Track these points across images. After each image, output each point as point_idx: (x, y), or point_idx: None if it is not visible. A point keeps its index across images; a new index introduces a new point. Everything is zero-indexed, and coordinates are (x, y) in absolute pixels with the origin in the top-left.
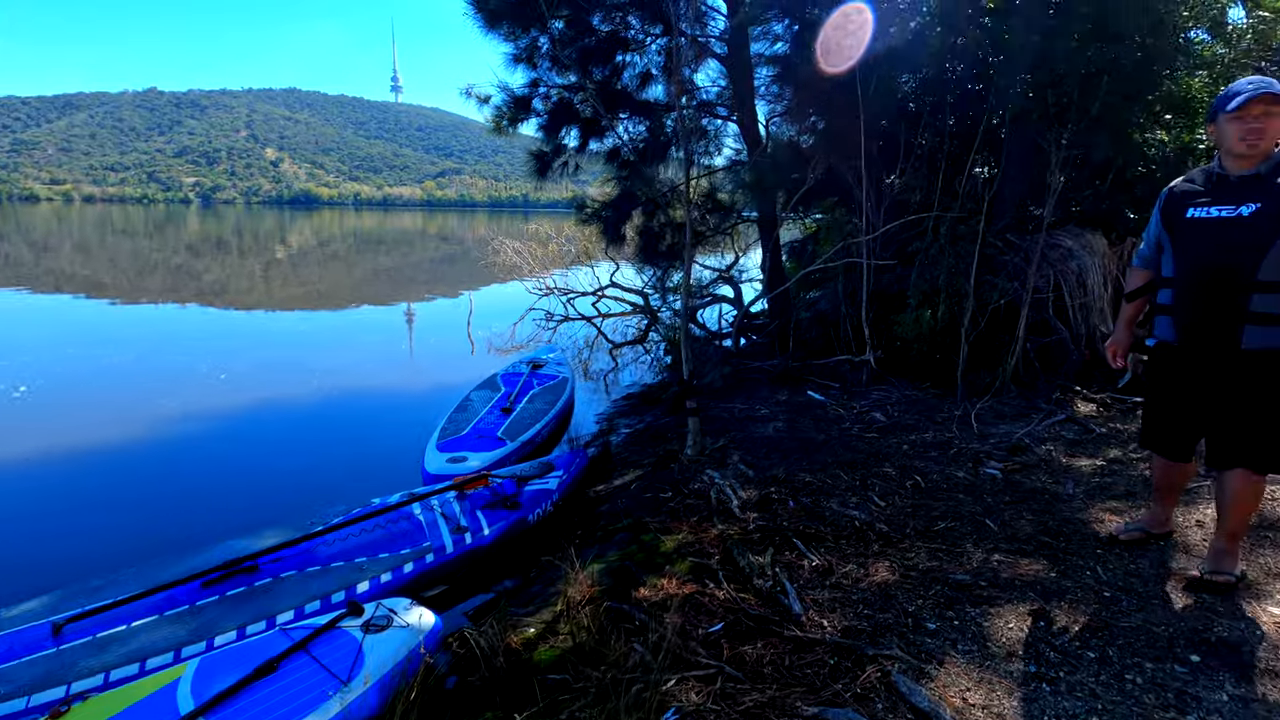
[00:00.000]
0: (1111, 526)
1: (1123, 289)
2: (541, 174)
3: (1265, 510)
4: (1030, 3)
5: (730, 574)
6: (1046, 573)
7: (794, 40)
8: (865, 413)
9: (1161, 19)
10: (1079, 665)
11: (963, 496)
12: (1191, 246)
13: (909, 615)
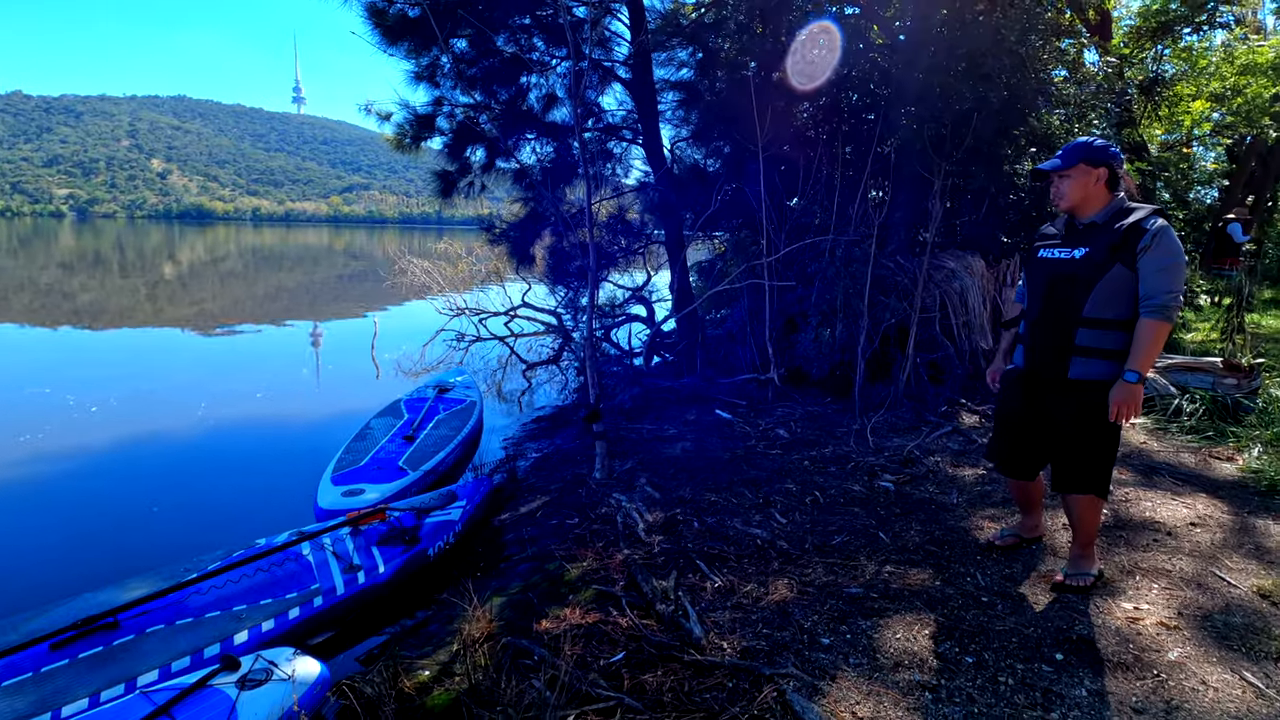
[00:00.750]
0: (989, 534)
1: (1000, 307)
2: (446, 194)
3: (1121, 511)
4: (912, 42)
5: (634, 600)
6: (932, 581)
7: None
8: (770, 429)
9: (1024, 61)
10: (958, 671)
11: (858, 510)
12: (1037, 284)
13: (805, 632)
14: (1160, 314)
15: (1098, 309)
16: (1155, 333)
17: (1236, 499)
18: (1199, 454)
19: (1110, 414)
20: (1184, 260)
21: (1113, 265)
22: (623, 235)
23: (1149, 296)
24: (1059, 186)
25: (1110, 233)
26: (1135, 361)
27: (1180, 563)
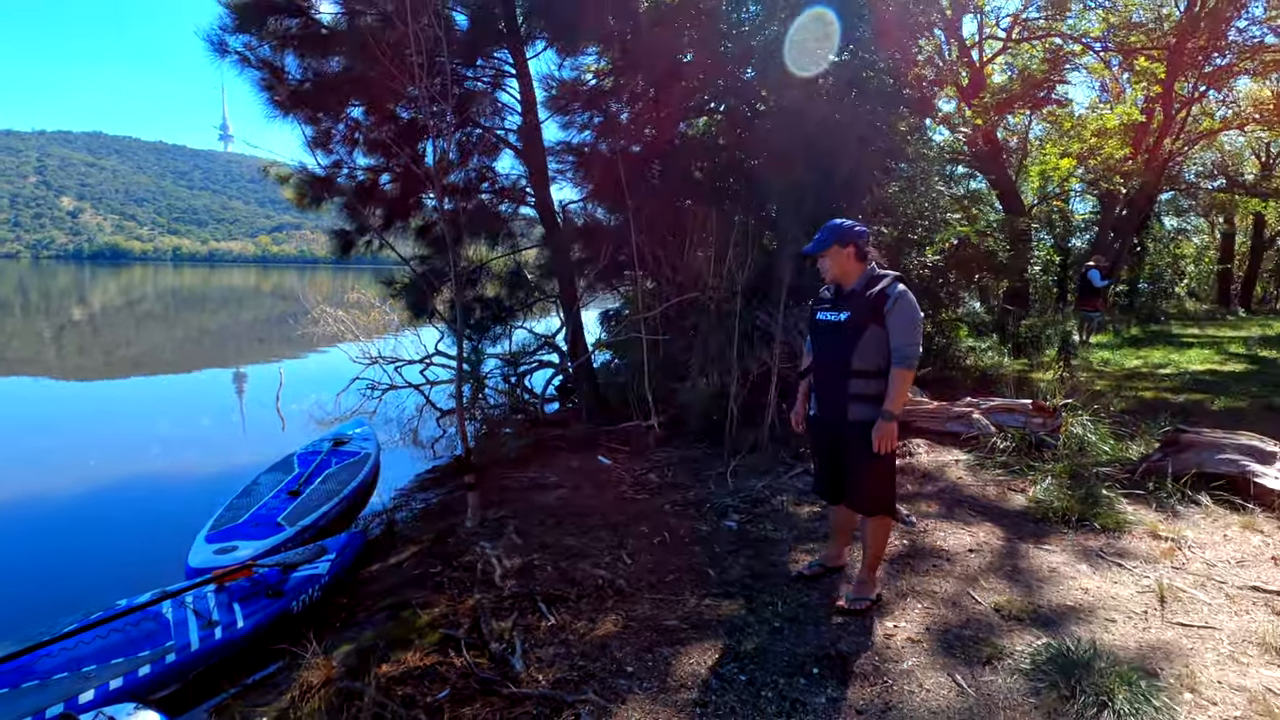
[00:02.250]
0: (801, 565)
1: None
2: (344, 252)
3: (918, 540)
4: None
5: (472, 642)
6: (739, 611)
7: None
8: (643, 474)
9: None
10: (730, 688)
11: (698, 549)
12: (816, 341)
13: (615, 661)
14: (905, 363)
15: (862, 361)
16: (902, 379)
17: (1015, 527)
18: (1001, 487)
19: (874, 447)
20: (920, 317)
21: (869, 326)
22: (518, 290)
23: (895, 350)
24: (822, 263)
25: (865, 298)
26: (889, 404)
27: (947, 585)
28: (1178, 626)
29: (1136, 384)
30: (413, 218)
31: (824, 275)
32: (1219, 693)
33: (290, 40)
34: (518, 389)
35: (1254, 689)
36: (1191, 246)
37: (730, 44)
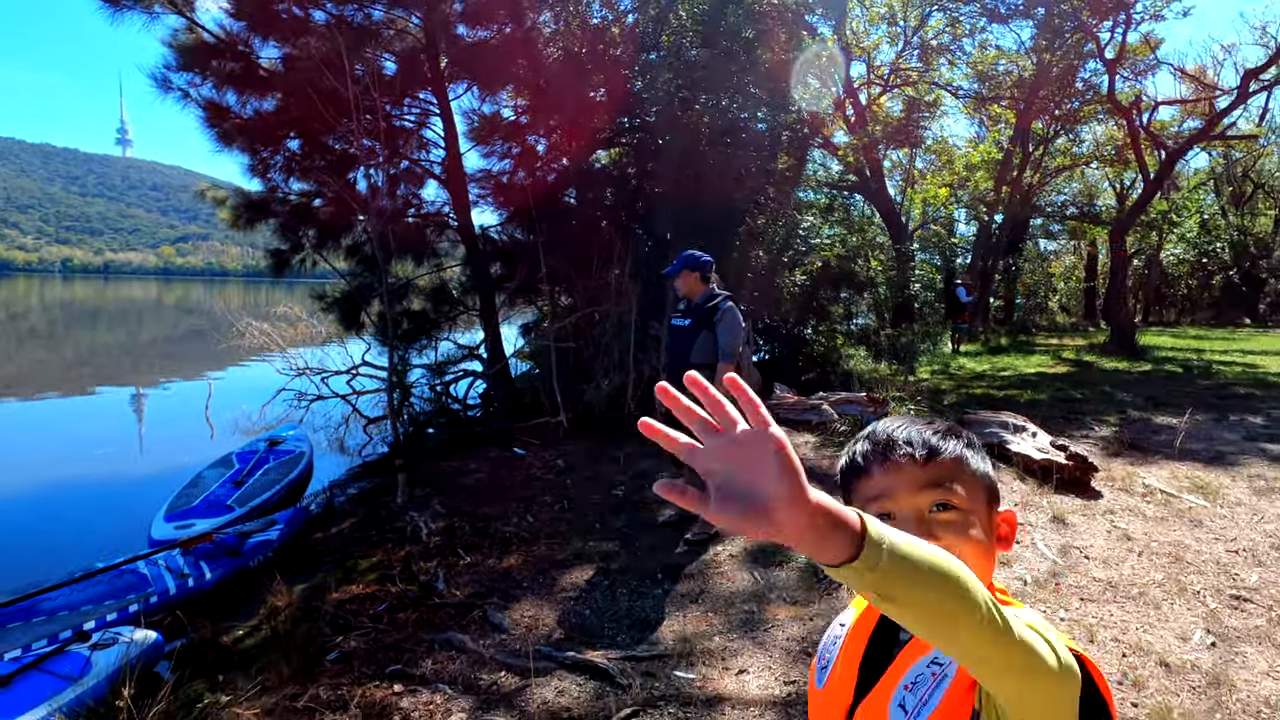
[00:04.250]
0: (666, 515)
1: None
2: (279, 271)
3: None
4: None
5: (405, 577)
6: (614, 548)
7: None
8: (552, 460)
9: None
10: (597, 589)
11: (590, 511)
12: (671, 342)
13: (515, 581)
14: (727, 358)
15: (699, 356)
16: (723, 370)
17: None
18: (833, 459)
19: None
20: (741, 326)
21: (704, 330)
22: (443, 305)
23: (721, 348)
24: (676, 283)
25: (704, 310)
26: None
27: None
28: None
29: (975, 383)
30: (344, 238)
31: (678, 292)
32: None
33: (232, 79)
34: (444, 396)
35: None
36: (1061, 266)
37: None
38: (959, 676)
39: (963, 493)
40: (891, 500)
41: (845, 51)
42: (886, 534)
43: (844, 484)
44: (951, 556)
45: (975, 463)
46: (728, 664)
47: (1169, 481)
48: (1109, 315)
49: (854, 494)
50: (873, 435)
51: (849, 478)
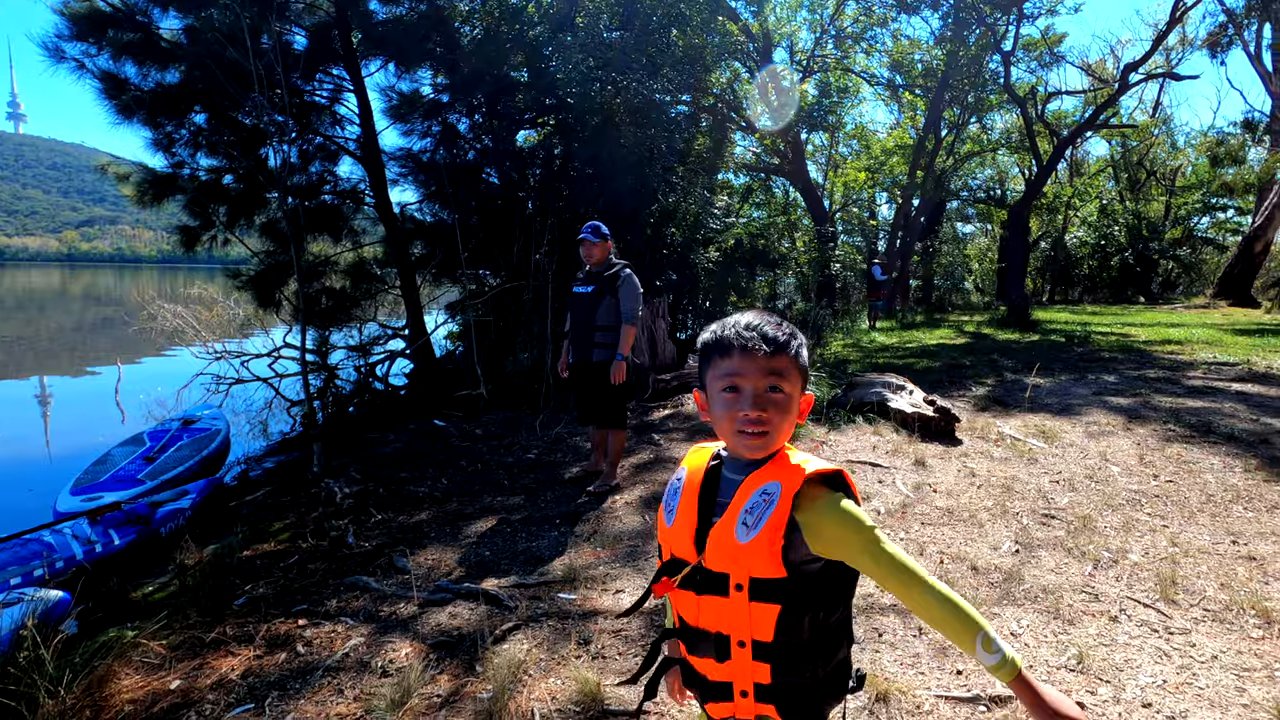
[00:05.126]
0: (572, 473)
1: (655, 335)
2: (189, 247)
3: (660, 454)
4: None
5: (316, 534)
6: (520, 501)
7: (438, 138)
8: (471, 430)
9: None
10: (499, 535)
11: (502, 473)
12: (572, 308)
13: (423, 533)
14: (630, 320)
15: (602, 320)
16: (629, 331)
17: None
18: None
19: (612, 379)
20: (640, 292)
21: (606, 295)
22: (363, 283)
23: (624, 313)
24: (589, 251)
25: (605, 278)
26: (621, 348)
27: (667, 475)
28: None
29: (880, 354)
30: (258, 215)
31: (585, 258)
32: None
33: (130, 50)
34: (369, 377)
35: None
36: (976, 248)
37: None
38: (781, 500)
39: (791, 380)
40: (742, 378)
41: (766, 37)
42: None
43: (704, 355)
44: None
45: (802, 358)
46: (607, 586)
47: (1019, 429)
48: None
49: (711, 365)
50: (735, 326)
51: (711, 353)
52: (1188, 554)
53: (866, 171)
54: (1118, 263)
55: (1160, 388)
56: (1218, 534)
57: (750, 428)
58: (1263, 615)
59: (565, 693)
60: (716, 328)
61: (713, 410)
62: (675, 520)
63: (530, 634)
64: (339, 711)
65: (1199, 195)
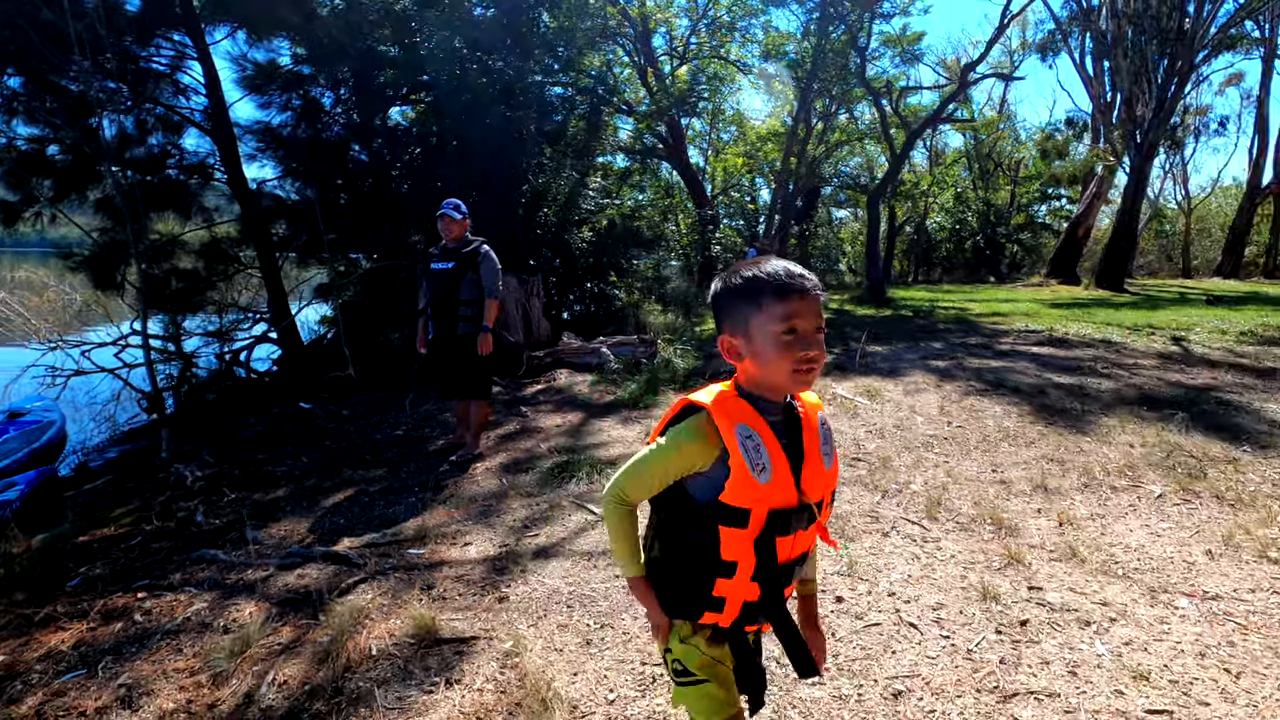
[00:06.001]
0: (436, 445)
1: (529, 313)
2: (8, 224)
3: (527, 424)
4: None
5: (163, 515)
6: (382, 474)
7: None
8: (338, 411)
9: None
10: (356, 504)
11: (366, 449)
12: (433, 284)
13: (278, 507)
14: (493, 295)
15: (465, 295)
16: (493, 305)
17: (597, 412)
18: (603, 392)
19: (479, 350)
20: (499, 268)
21: (468, 271)
22: (219, 262)
23: (487, 288)
24: (448, 226)
25: (464, 255)
26: (486, 320)
27: (530, 443)
28: None
29: None
30: (91, 190)
31: (445, 234)
32: None
33: None
34: (233, 365)
35: None
36: (849, 231)
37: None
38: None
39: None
40: (802, 319)
41: (644, 21)
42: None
43: (747, 297)
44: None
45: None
46: (455, 540)
47: (850, 389)
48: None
49: (762, 308)
50: (785, 270)
51: (761, 295)
52: (956, 482)
53: (744, 157)
54: (971, 246)
55: (975, 352)
56: (983, 466)
57: (809, 366)
58: (997, 523)
59: (403, 629)
60: (755, 272)
61: (764, 352)
62: (773, 473)
63: (376, 585)
64: (176, 667)
65: (1037, 185)
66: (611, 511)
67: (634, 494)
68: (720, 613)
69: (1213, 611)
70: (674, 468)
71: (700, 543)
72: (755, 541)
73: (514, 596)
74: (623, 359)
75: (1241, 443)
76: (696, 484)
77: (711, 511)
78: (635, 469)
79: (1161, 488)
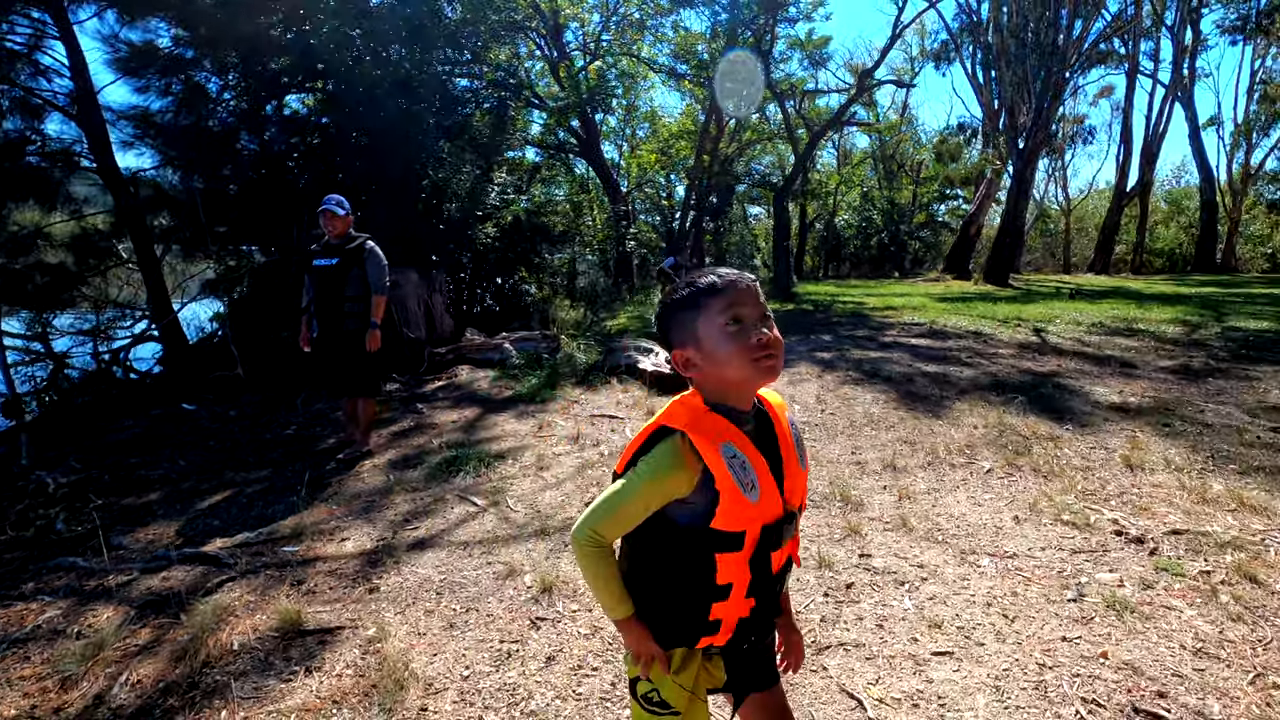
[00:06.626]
0: (326, 444)
1: (431, 309)
2: None
3: (422, 421)
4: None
5: (19, 525)
6: (265, 474)
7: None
8: (224, 412)
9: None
10: (234, 505)
11: (250, 450)
12: (316, 281)
13: (149, 511)
14: (380, 290)
15: (351, 292)
16: (380, 300)
17: (494, 407)
18: (503, 388)
19: (367, 347)
20: (385, 263)
21: (353, 268)
22: (91, 256)
23: (374, 283)
24: (332, 223)
25: (349, 251)
26: (374, 316)
27: (423, 439)
28: (545, 439)
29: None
30: None
31: (328, 230)
32: (535, 457)
33: None
34: (111, 365)
35: (550, 452)
36: (763, 228)
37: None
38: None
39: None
40: (744, 308)
41: (555, 15)
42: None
43: (689, 306)
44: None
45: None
46: (333, 536)
47: None
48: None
49: (703, 310)
50: (716, 273)
51: (702, 298)
52: (819, 465)
53: (658, 154)
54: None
55: (860, 344)
56: (846, 449)
57: (767, 351)
58: (846, 500)
59: (268, 624)
60: (693, 282)
61: (718, 351)
62: (761, 491)
63: (245, 584)
64: (22, 675)
65: (936, 186)
66: (587, 555)
67: (611, 533)
68: (716, 634)
69: (1007, 568)
70: (655, 501)
71: (693, 571)
72: (750, 561)
73: (385, 587)
74: (525, 354)
75: (1066, 422)
76: (678, 511)
77: (703, 538)
78: (610, 507)
79: (991, 463)
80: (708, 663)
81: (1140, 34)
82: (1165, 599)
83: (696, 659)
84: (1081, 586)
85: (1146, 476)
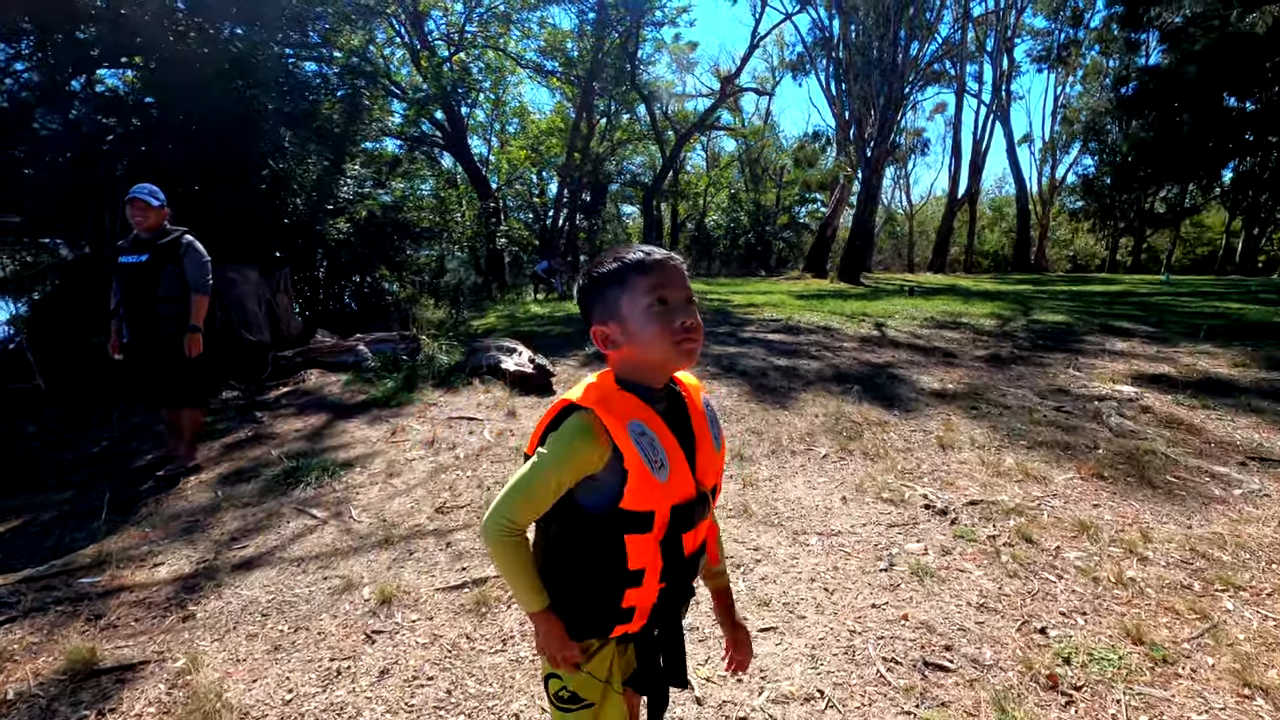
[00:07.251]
0: (144, 461)
1: (276, 310)
2: None
3: (261, 430)
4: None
5: None
6: (67, 497)
7: None
8: (20, 429)
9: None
10: (23, 535)
11: (51, 471)
12: (124, 280)
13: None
14: (201, 290)
15: (165, 292)
16: (201, 301)
17: (344, 413)
18: (355, 392)
19: (186, 352)
20: (207, 260)
21: (168, 265)
22: None
23: (193, 282)
24: (143, 214)
25: (161, 246)
26: (194, 318)
27: (260, 451)
28: (398, 444)
29: (526, 323)
30: None
31: (137, 223)
32: (385, 464)
33: None
34: None
35: (403, 458)
36: (637, 227)
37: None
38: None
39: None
40: (670, 290)
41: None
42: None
43: (614, 282)
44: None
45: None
46: (144, 562)
47: None
48: None
49: (628, 287)
50: (642, 250)
51: (627, 275)
52: None
53: (529, 150)
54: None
55: (721, 339)
56: None
57: (689, 336)
58: None
59: (53, 667)
60: (618, 256)
61: (641, 331)
62: (671, 470)
63: (29, 623)
64: None
65: (797, 190)
66: (500, 544)
67: (524, 517)
68: (630, 622)
69: (831, 545)
70: (567, 476)
71: (604, 556)
72: (661, 543)
73: (202, 614)
74: (382, 356)
75: (895, 409)
76: (586, 493)
77: (612, 521)
78: (521, 488)
79: (827, 449)
80: (620, 651)
81: (966, 57)
82: (960, 563)
83: (610, 647)
84: (892, 557)
85: (955, 454)
